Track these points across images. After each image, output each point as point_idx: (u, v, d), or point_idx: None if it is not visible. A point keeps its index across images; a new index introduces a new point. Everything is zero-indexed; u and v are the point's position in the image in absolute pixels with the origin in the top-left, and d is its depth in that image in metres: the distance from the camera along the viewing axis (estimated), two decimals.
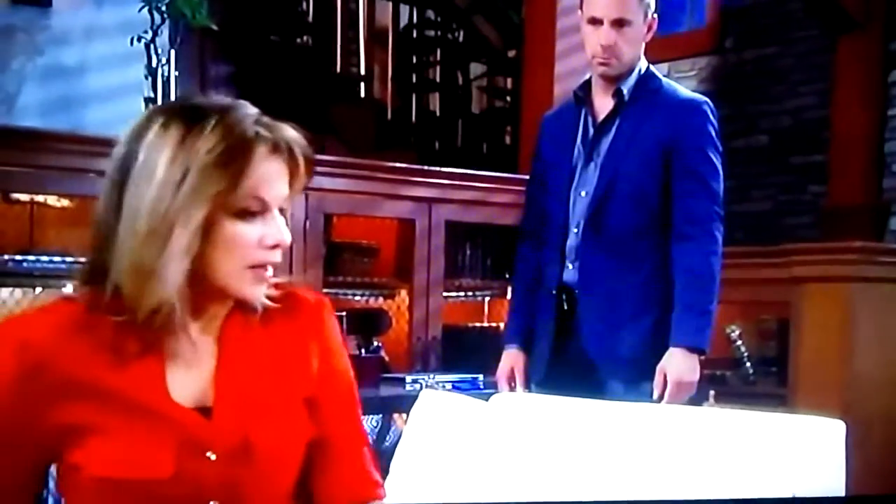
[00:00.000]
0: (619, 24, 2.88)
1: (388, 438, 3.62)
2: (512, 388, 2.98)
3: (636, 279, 2.90)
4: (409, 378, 3.75)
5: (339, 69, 6.29)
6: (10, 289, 3.50)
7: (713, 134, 2.91)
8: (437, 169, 4.29)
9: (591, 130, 2.98)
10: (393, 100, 6.45)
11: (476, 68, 6.42)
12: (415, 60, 6.55)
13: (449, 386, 3.44)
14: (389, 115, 6.33)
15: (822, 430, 1.93)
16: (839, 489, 1.88)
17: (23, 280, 3.47)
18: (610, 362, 2.90)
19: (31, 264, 3.45)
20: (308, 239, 3.76)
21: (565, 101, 3.19)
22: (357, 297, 4.13)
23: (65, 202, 3.65)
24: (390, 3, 6.52)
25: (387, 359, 4.09)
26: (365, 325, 4.04)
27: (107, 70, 4.11)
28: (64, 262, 3.48)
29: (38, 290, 3.54)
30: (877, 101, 4.66)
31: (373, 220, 4.08)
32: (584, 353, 2.93)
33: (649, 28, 2.94)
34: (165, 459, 1.41)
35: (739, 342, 4.42)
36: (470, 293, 4.40)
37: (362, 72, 6.43)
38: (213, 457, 1.44)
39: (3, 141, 3.43)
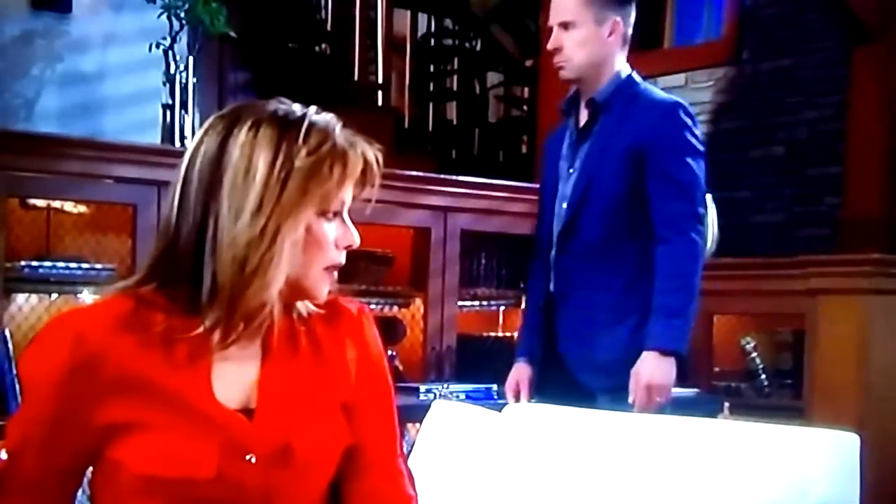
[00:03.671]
0: (564, 26, 2.94)
1: (403, 446, 3.62)
2: (517, 401, 2.99)
3: (615, 285, 2.91)
4: (422, 387, 3.75)
5: (357, 77, 6.31)
6: (27, 294, 3.51)
7: (688, 135, 2.89)
8: (453, 178, 4.30)
9: (574, 141, 3.01)
10: (410, 108, 6.46)
11: (493, 77, 6.43)
12: (432, 69, 6.57)
13: (463, 396, 3.44)
14: (407, 124, 6.34)
15: (838, 443, 1.93)
16: (854, 502, 1.88)
17: (39, 286, 3.49)
18: (590, 371, 2.91)
19: (47, 270, 3.46)
20: None
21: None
22: (372, 306, 4.13)
23: (81, 208, 3.66)
24: (408, 12, 6.53)
25: (401, 368, 4.09)
26: (379, 333, 4.04)
27: (125, 76, 4.13)
28: (80, 267, 3.49)
29: (55, 295, 3.55)
30: (893, 113, 4.65)
31: (388, 229, 4.07)
32: (567, 362, 2.95)
33: (612, 32, 2.93)
34: (208, 460, 1.43)
35: (754, 354, 4.41)
36: (485, 302, 4.39)
37: (380, 80, 6.44)
38: (254, 459, 1.46)
39: (21, 146, 3.45)
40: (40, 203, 3.62)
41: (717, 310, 4.39)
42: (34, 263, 3.46)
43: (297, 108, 1.50)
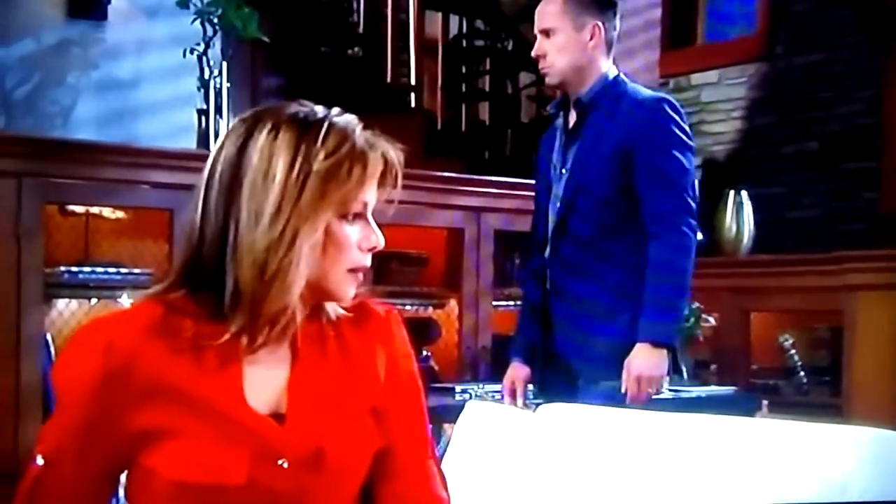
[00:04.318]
0: (545, 34, 2.98)
1: (437, 449, 3.62)
2: (513, 401, 3.05)
3: (609, 281, 2.93)
4: (458, 388, 3.75)
5: (389, 80, 6.31)
6: (66, 300, 3.55)
7: (675, 130, 2.90)
8: (486, 178, 4.30)
9: (564, 142, 3.04)
10: (442, 110, 6.46)
11: (525, 77, 6.42)
12: (464, 70, 6.56)
13: (498, 396, 3.42)
14: (439, 126, 6.34)
15: (876, 441, 1.91)
16: (893, 500, 1.86)
17: (78, 291, 3.52)
18: (586, 366, 2.93)
19: (86, 275, 3.49)
20: None
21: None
22: (406, 307, 4.13)
23: (119, 214, 3.69)
24: (440, 14, 6.53)
25: (436, 368, 4.09)
26: (414, 334, 4.03)
27: (160, 82, 4.15)
28: (118, 273, 3.52)
29: (93, 301, 3.59)
30: None
31: (421, 230, 4.08)
32: (563, 358, 2.98)
33: (592, 36, 2.94)
34: (239, 466, 1.42)
35: (792, 351, 4.38)
36: (519, 302, 4.39)
37: (412, 82, 6.44)
38: (285, 464, 1.45)
39: (58, 153, 3.48)
40: (79, 209, 3.65)
41: (754, 307, 4.37)
42: (73, 269, 3.49)
43: (318, 110, 1.49)
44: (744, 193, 4.69)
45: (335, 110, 1.50)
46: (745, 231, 4.67)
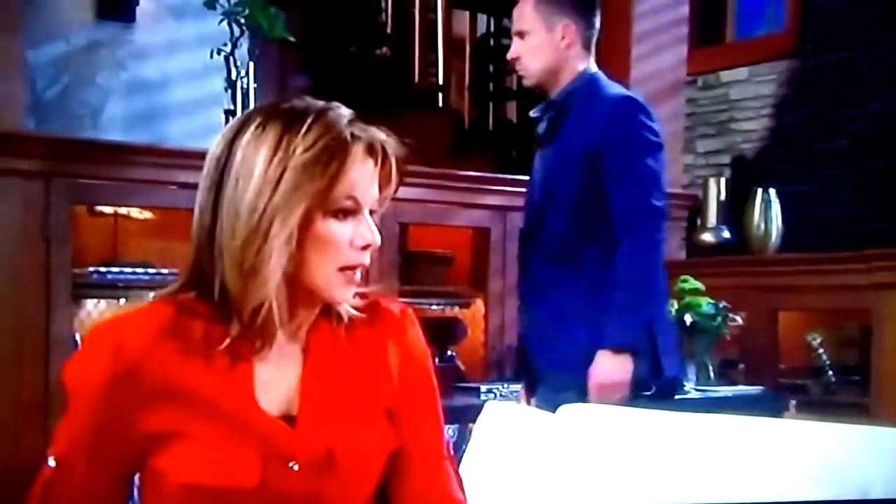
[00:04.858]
0: (520, 35, 2.97)
1: (464, 448, 3.63)
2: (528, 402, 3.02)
3: (578, 285, 2.88)
4: (483, 387, 3.75)
5: (416, 80, 6.31)
6: (95, 300, 3.58)
7: (641, 130, 2.85)
8: (512, 177, 4.30)
9: (543, 145, 3.02)
10: (470, 109, 6.46)
11: None
12: (492, 69, 6.56)
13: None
14: (467, 125, 6.34)
15: None
16: None
17: (107, 291, 3.56)
18: (557, 371, 2.90)
19: (114, 276, 3.53)
20: (383, 248, 3.79)
21: None
22: (432, 306, 4.14)
23: (147, 214, 3.72)
24: (467, 13, 6.53)
25: (462, 368, 4.10)
26: (440, 334, 4.06)
27: (188, 83, 4.18)
28: (147, 273, 3.55)
29: (122, 301, 3.62)
30: None
31: (447, 229, 4.09)
32: (538, 364, 2.97)
33: (564, 36, 2.91)
34: (251, 468, 1.42)
35: (820, 350, 4.35)
36: None
37: (440, 81, 6.44)
38: (297, 467, 1.44)
39: (87, 154, 3.52)
40: (107, 210, 3.69)
41: (782, 306, 4.35)
42: (102, 269, 3.53)
43: (311, 105, 1.46)
44: (772, 191, 4.66)
45: (333, 104, 1.47)
46: (773, 229, 4.64)
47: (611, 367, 2.75)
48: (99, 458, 1.43)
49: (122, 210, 3.68)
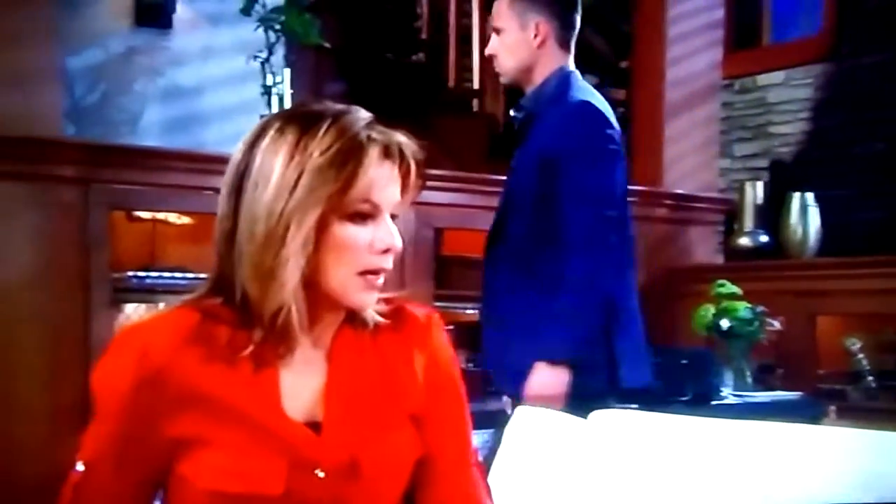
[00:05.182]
0: (497, 31, 2.92)
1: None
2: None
3: (529, 292, 2.80)
4: None
5: (452, 84, 6.33)
6: (134, 304, 3.61)
7: (593, 137, 2.75)
8: None
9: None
10: (505, 113, 6.47)
11: (588, 80, 6.41)
12: None
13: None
14: (501, 129, 6.35)
15: None
16: None
17: (145, 296, 3.58)
18: (506, 379, 2.86)
19: (152, 280, 3.55)
20: (417, 253, 3.80)
21: None
22: (467, 311, 4.14)
23: (185, 219, 3.75)
24: None
25: None
26: (474, 338, 4.05)
27: (224, 89, 4.21)
28: (184, 277, 3.57)
29: (161, 305, 3.64)
30: None
31: (482, 234, 4.08)
32: (489, 371, 2.96)
33: (537, 34, 2.85)
34: (276, 475, 1.40)
35: (860, 355, 4.31)
36: None
37: (475, 86, 6.46)
38: (322, 474, 1.43)
39: (125, 160, 3.54)
40: (145, 215, 3.71)
41: (820, 310, 4.31)
42: (140, 274, 3.56)
43: (330, 108, 1.45)
44: (809, 195, 4.63)
45: (352, 108, 1.46)
46: (810, 233, 4.61)
47: (546, 378, 2.68)
48: (125, 463, 1.43)
49: (160, 215, 3.71)
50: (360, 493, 1.45)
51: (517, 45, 2.88)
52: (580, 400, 2.53)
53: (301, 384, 1.47)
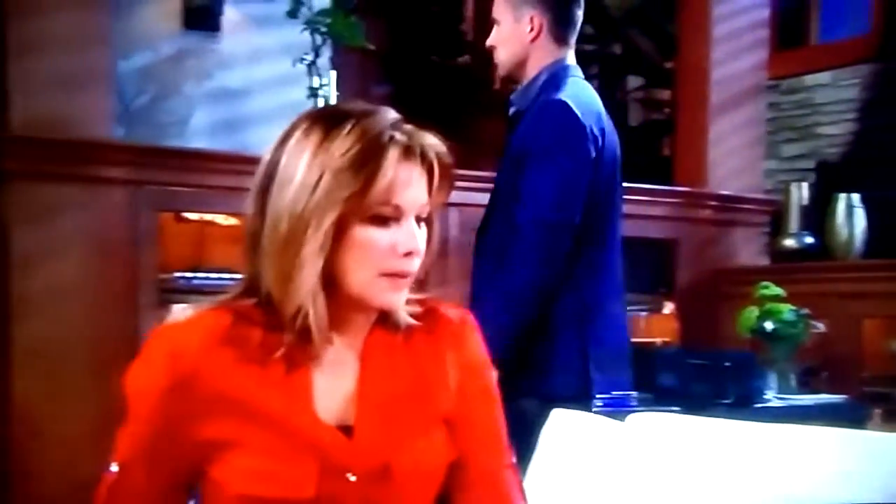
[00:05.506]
0: (495, 24, 2.88)
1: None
2: None
3: (488, 292, 2.71)
4: None
5: (497, 86, 6.32)
6: (181, 305, 3.65)
7: (545, 138, 2.67)
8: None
9: None
10: None
11: (633, 81, 6.40)
12: None
13: (600, 403, 3.41)
14: None
15: None
16: None
17: (192, 297, 3.62)
18: None
19: (199, 281, 3.59)
20: (458, 254, 3.81)
21: None
22: None
23: (232, 220, 3.78)
24: None
25: None
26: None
27: (270, 91, 4.23)
28: (231, 278, 3.59)
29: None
30: None
31: None
32: None
33: (531, 28, 2.80)
34: (308, 479, 1.39)
35: None
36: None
37: None
38: (353, 478, 1.42)
39: (174, 162, 3.59)
40: (193, 216, 3.76)
41: (866, 313, 4.28)
42: (188, 275, 3.60)
43: (354, 108, 1.44)
44: (855, 196, 4.60)
45: (380, 108, 1.44)
46: (856, 234, 4.57)
47: None
48: (157, 465, 1.43)
49: (207, 217, 3.74)
50: (392, 497, 1.44)
51: (511, 38, 2.84)
52: (548, 401, 2.42)
53: (333, 387, 1.45)
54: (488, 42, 2.93)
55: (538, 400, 2.52)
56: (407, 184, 1.41)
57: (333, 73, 3.97)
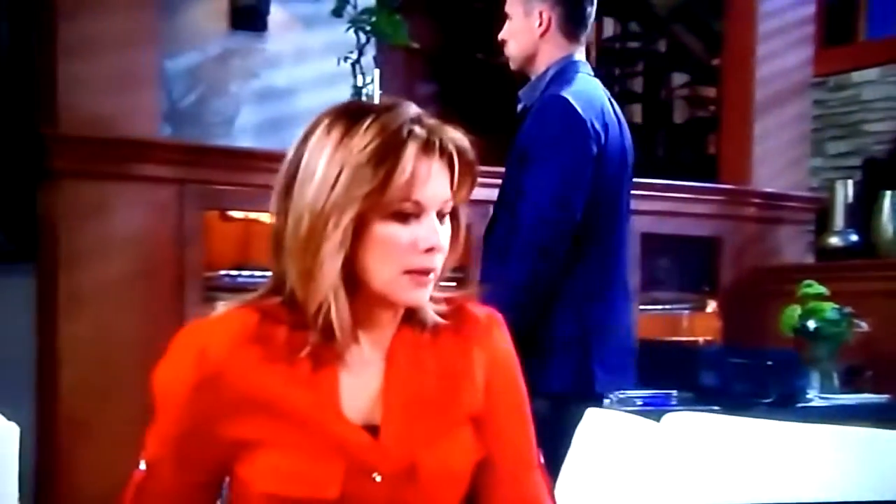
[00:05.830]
0: (507, 17, 2.90)
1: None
2: None
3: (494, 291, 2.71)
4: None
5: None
6: (225, 303, 3.69)
7: (544, 136, 2.67)
8: (634, 180, 4.29)
9: None
10: None
11: (679, 78, 6.38)
12: (617, 72, 6.55)
13: (639, 402, 3.40)
14: None
15: None
16: None
17: (237, 294, 3.65)
18: None
19: (245, 279, 3.62)
20: None
21: None
22: None
23: None
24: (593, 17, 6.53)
25: None
26: None
27: (316, 90, 4.25)
28: None
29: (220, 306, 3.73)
30: None
31: None
32: None
33: (540, 23, 2.81)
34: (333, 479, 1.39)
35: None
36: (667, 306, 4.37)
37: None
38: (379, 478, 1.41)
39: (220, 161, 3.63)
40: (238, 215, 3.80)
41: None
42: (233, 273, 3.63)
43: (376, 105, 1.43)
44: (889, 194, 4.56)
45: (401, 102, 1.43)
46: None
47: None
48: (184, 464, 1.43)
49: (253, 215, 3.78)
50: (418, 497, 1.43)
51: (521, 32, 2.86)
52: (547, 396, 2.45)
53: (360, 386, 1.44)
54: (500, 36, 2.94)
55: (537, 396, 2.55)
56: (427, 179, 1.39)
57: (377, 72, 3.98)
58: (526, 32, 2.85)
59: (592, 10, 2.89)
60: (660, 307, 4.29)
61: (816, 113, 5.07)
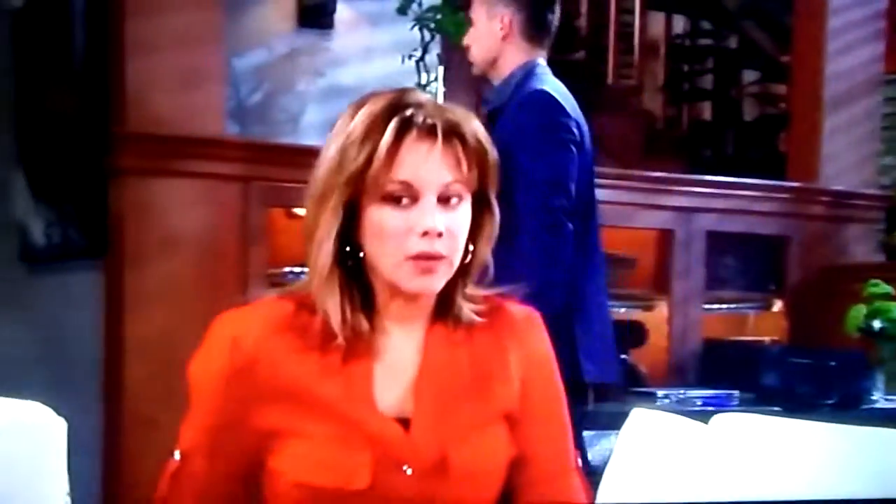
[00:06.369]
0: (471, 23, 2.93)
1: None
2: None
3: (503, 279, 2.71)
4: (659, 392, 3.70)
5: (611, 81, 6.32)
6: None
7: (542, 124, 2.71)
8: (698, 178, 4.26)
9: None
10: (663, 109, 6.42)
11: (749, 76, 6.32)
12: (686, 69, 6.51)
13: (699, 402, 3.38)
14: (660, 125, 6.32)
15: None
16: None
17: None
18: None
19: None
20: None
21: None
22: (614, 309, 4.13)
23: None
24: (663, 14, 6.49)
25: (643, 372, 4.07)
26: (622, 337, 4.03)
27: (381, 88, 4.28)
28: None
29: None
30: None
31: (630, 231, 4.07)
32: None
33: (502, 26, 2.83)
34: (363, 470, 1.38)
35: None
36: (732, 305, 4.33)
37: (635, 83, 6.43)
38: (410, 471, 1.40)
39: (285, 158, 3.65)
40: (303, 212, 3.82)
41: None
42: (297, 269, 3.65)
43: (386, 91, 1.44)
44: None
45: (408, 89, 1.45)
46: None
47: None
48: (218, 454, 1.43)
49: None
50: (449, 492, 1.42)
51: (484, 36, 2.91)
52: None
53: (393, 378, 1.44)
54: (464, 41, 3.00)
55: None
56: (418, 160, 1.38)
57: (441, 70, 4.00)
58: (489, 36, 2.90)
59: (554, 18, 2.96)
60: (725, 307, 4.25)
61: (887, 110, 4.99)
